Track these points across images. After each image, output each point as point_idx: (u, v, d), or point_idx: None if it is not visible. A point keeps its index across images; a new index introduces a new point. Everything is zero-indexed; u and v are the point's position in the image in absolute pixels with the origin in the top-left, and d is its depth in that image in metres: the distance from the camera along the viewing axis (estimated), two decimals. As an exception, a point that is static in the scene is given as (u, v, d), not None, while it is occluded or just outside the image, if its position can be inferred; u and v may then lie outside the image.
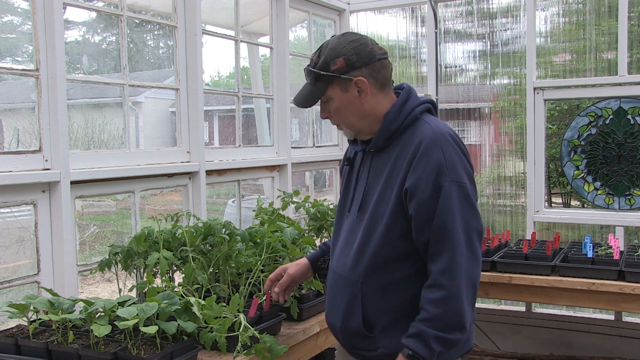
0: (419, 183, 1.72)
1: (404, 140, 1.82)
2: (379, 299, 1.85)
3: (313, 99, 1.88)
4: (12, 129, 9.07)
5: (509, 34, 4.43)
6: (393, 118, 1.84)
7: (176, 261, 2.38)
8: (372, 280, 1.85)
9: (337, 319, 1.94)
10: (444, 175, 1.70)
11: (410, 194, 1.73)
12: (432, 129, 1.79)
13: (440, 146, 1.74)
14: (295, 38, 5.09)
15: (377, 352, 1.86)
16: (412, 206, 1.73)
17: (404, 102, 1.86)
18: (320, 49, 1.88)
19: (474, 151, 4.72)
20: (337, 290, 1.94)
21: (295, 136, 4.92)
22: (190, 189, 3.20)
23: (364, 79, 1.83)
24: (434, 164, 1.71)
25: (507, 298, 3.64)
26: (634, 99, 3.84)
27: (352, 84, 1.83)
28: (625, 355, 3.92)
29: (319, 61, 1.84)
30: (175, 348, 1.81)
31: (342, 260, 1.93)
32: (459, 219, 1.70)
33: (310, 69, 1.86)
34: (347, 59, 1.82)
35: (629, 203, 3.90)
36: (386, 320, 1.85)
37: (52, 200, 2.46)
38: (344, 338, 1.95)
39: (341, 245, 1.96)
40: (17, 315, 1.91)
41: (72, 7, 2.65)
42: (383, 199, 1.81)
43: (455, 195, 1.70)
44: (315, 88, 1.86)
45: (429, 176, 1.71)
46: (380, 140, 1.86)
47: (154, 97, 14.71)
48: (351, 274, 1.88)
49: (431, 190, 1.70)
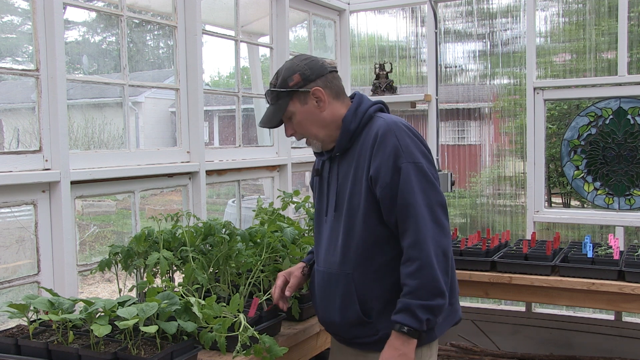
0: (380, 168, 1.90)
1: (363, 137, 2.01)
2: (371, 285, 1.99)
3: (277, 117, 2.04)
4: (12, 129, 9.07)
5: (509, 34, 4.43)
6: (350, 120, 2.02)
7: (176, 261, 2.38)
8: (361, 269, 1.98)
9: (334, 315, 2.05)
10: (401, 158, 1.89)
11: (374, 179, 1.91)
12: (385, 121, 1.98)
13: (394, 133, 1.92)
14: (295, 38, 5.10)
15: (378, 335, 1.99)
16: (378, 190, 1.90)
17: (358, 105, 2.05)
18: (277, 72, 2.06)
19: (474, 151, 4.72)
20: (329, 288, 2.07)
21: (295, 136, 4.91)
22: (190, 189, 3.20)
23: (320, 89, 2.01)
24: (391, 149, 1.90)
25: (507, 298, 3.64)
26: (634, 99, 3.84)
27: (309, 95, 2.01)
28: (625, 355, 3.92)
29: (277, 82, 2.03)
30: (175, 348, 1.82)
31: (329, 259, 2.06)
32: (419, 195, 1.87)
33: (271, 89, 2.04)
34: (302, 74, 2.01)
35: (629, 203, 3.90)
36: (381, 304, 1.98)
37: (52, 200, 2.46)
38: (344, 331, 2.06)
39: (325, 246, 2.09)
40: (17, 315, 1.91)
41: (72, 7, 2.65)
42: (355, 192, 1.97)
43: (413, 174, 1.88)
44: (277, 107, 2.03)
45: (387, 160, 1.89)
46: (342, 142, 2.04)
47: (154, 97, 14.71)
48: (341, 269, 2.02)
49: (391, 173, 1.88)
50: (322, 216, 2.13)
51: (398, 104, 4.38)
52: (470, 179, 4.76)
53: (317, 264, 2.16)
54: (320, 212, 2.14)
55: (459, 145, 4.92)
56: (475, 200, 4.65)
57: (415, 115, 4.71)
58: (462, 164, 4.78)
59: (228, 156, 3.54)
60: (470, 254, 3.37)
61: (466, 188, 4.74)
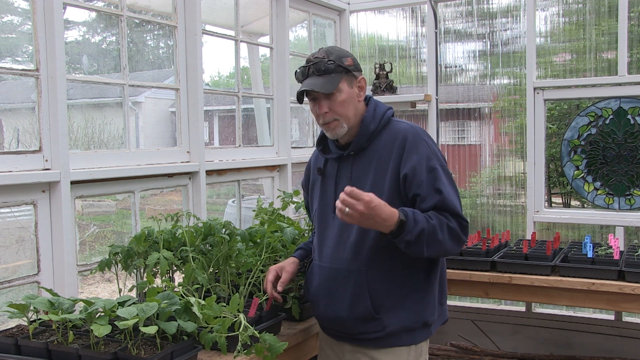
0: (415, 168, 2.01)
1: (384, 138, 2.11)
2: (385, 282, 2.06)
3: (333, 84, 2.05)
4: (12, 129, 9.07)
5: (509, 34, 4.43)
6: (370, 121, 2.11)
7: (176, 261, 2.38)
8: (376, 266, 2.05)
9: (342, 310, 2.10)
10: (433, 159, 2.04)
11: (410, 178, 2.02)
12: (410, 126, 2.12)
13: (423, 138, 2.08)
14: (295, 38, 5.09)
15: (384, 332, 2.07)
16: (414, 187, 2.02)
17: (375, 108, 2.16)
18: (327, 51, 2.10)
19: (474, 151, 4.72)
20: (337, 284, 2.11)
21: (295, 136, 4.92)
22: (190, 189, 3.20)
23: (365, 79, 2.14)
24: (424, 151, 2.04)
25: (507, 298, 3.64)
26: (634, 99, 3.84)
27: (356, 81, 2.11)
28: (625, 355, 3.92)
29: (329, 57, 2.06)
30: (175, 348, 1.81)
31: (336, 256, 2.11)
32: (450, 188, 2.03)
33: (326, 60, 2.05)
34: (354, 60, 2.13)
35: (629, 203, 3.90)
36: (391, 301, 2.06)
37: (52, 200, 2.46)
38: (351, 326, 2.11)
39: (332, 243, 2.13)
40: (17, 315, 1.91)
41: (72, 7, 2.65)
42: (376, 189, 2.01)
43: (444, 175, 2.04)
44: (330, 78, 2.05)
45: (422, 160, 2.03)
46: (360, 142, 2.12)
47: (154, 97, 14.70)
48: (352, 265, 2.07)
49: (427, 172, 2.01)
50: (329, 214, 2.17)
51: (398, 104, 4.38)
52: (470, 179, 4.76)
53: (320, 260, 2.19)
54: (326, 210, 2.19)
55: (459, 145, 4.92)
56: (475, 200, 4.65)
57: (415, 115, 4.71)
58: (462, 164, 4.78)
59: (228, 156, 3.54)
60: (470, 254, 3.37)
61: (466, 188, 4.74)
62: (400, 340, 2.09)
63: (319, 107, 2.08)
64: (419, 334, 2.11)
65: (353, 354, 2.15)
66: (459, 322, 4.30)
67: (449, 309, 2.33)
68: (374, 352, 2.10)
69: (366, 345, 2.11)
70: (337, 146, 2.20)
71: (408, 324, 2.08)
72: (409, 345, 2.10)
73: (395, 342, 2.09)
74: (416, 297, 2.09)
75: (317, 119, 2.15)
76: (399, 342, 2.09)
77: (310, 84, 2.05)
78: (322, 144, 2.27)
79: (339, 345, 2.21)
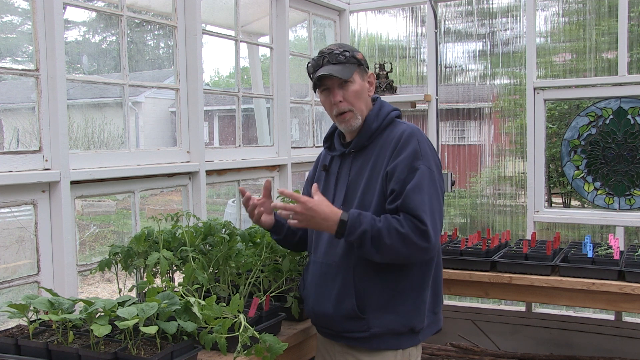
0: (398, 165, 2.01)
1: (384, 138, 2.12)
2: (371, 281, 2.04)
3: (349, 72, 2.08)
4: (12, 129, 9.06)
5: (509, 34, 4.43)
6: (373, 120, 2.13)
7: (176, 261, 2.38)
8: (365, 264, 2.04)
9: (328, 306, 2.10)
10: (419, 160, 2.00)
11: (390, 175, 2.01)
12: (409, 126, 2.12)
13: (417, 137, 2.06)
14: (295, 38, 5.10)
15: (368, 332, 2.05)
16: (392, 184, 2.00)
17: (380, 107, 2.18)
18: (339, 45, 2.15)
19: (474, 151, 4.72)
20: (326, 280, 2.12)
21: (295, 136, 4.92)
22: (190, 189, 3.20)
23: (374, 76, 2.22)
24: (411, 150, 2.02)
25: (507, 298, 3.63)
26: (634, 99, 3.84)
27: (366, 76, 2.17)
28: (625, 355, 3.92)
29: (342, 50, 2.10)
30: (175, 348, 1.81)
31: (330, 251, 2.12)
32: (426, 196, 1.96)
33: (343, 50, 2.10)
34: (364, 55, 2.18)
35: (629, 203, 3.90)
36: (377, 302, 2.05)
37: (52, 200, 2.46)
38: (336, 323, 2.11)
39: (327, 238, 2.14)
40: (17, 315, 1.91)
41: (72, 7, 2.64)
42: (368, 189, 2.05)
43: (426, 178, 1.99)
44: (346, 66, 2.09)
45: (406, 159, 2.01)
46: (362, 140, 2.13)
47: (154, 97, 14.70)
48: (343, 262, 2.07)
49: (407, 171, 1.99)
50: None
51: (398, 104, 4.37)
52: (470, 179, 4.76)
53: (314, 255, 2.21)
54: None
55: (459, 145, 4.92)
56: (476, 200, 4.65)
57: (415, 115, 4.71)
58: (462, 164, 4.78)
59: (228, 156, 3.53)
60: (470, 254, 3.37)
61: (466, 188, 4.74)
62: (386, 344, 2.07)
63: (333, 95, 2.10)
64: (405, 339, 2.09)
65: (343, 355, 2.15)
66: (459, 322, 4.30)
67: (449, 309, 2.34)
68: (361, 354, 2.10)
69: (353, 346, 2.11)
70: (342, 144, 2.22)
71: (394, 327, 2.05)
72: (395, 349, 2.08)
73: (381, 344, 2.07)
74: (405, 302, 2.06)
75: (330, 110, 2.15)
76: (384, 346, 2.07)
77: (328, 69, 2.07)
78: (329, 142, 2.29)
79: (330, 345, 2.22)
